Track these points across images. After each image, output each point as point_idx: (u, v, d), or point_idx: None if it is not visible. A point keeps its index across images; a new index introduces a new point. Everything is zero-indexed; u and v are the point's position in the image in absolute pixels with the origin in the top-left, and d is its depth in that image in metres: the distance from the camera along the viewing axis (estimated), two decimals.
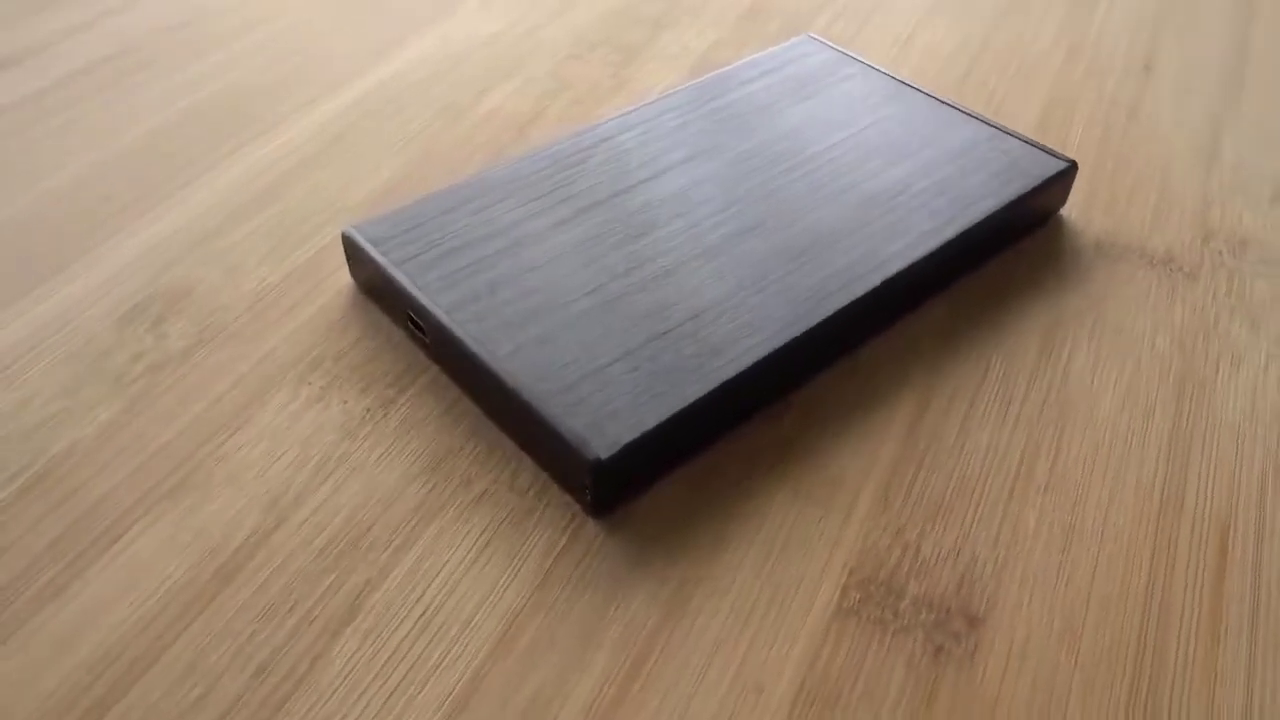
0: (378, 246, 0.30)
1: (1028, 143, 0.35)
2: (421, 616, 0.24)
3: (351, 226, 0.31)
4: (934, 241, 0.31)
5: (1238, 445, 0.28)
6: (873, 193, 0.33)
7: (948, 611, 0.24)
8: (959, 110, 0.37)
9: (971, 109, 0.37)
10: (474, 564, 0.25)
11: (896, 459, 0.28)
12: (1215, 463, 0.28)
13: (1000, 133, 0.36)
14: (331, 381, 0.29)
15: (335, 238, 0.34)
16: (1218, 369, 0.30)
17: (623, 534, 0.26)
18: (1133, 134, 0.40)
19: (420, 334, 0.30)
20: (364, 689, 0.22)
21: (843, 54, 0.40)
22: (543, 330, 0.28)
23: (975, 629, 0.24)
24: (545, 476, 0.27)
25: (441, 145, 0.38)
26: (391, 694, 0.22)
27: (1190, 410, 0.29)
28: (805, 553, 0.25)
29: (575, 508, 0.26)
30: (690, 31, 0.46)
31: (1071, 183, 0.35)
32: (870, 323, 0.31)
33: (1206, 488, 0.27)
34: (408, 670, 0.23)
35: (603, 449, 0.25)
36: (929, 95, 0.37)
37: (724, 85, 0.38)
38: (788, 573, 0.25)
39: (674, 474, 0.27)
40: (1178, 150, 0.39)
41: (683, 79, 0.43)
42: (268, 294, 0.32)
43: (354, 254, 0.31)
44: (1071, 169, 0.34)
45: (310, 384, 0.29)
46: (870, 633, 0.24)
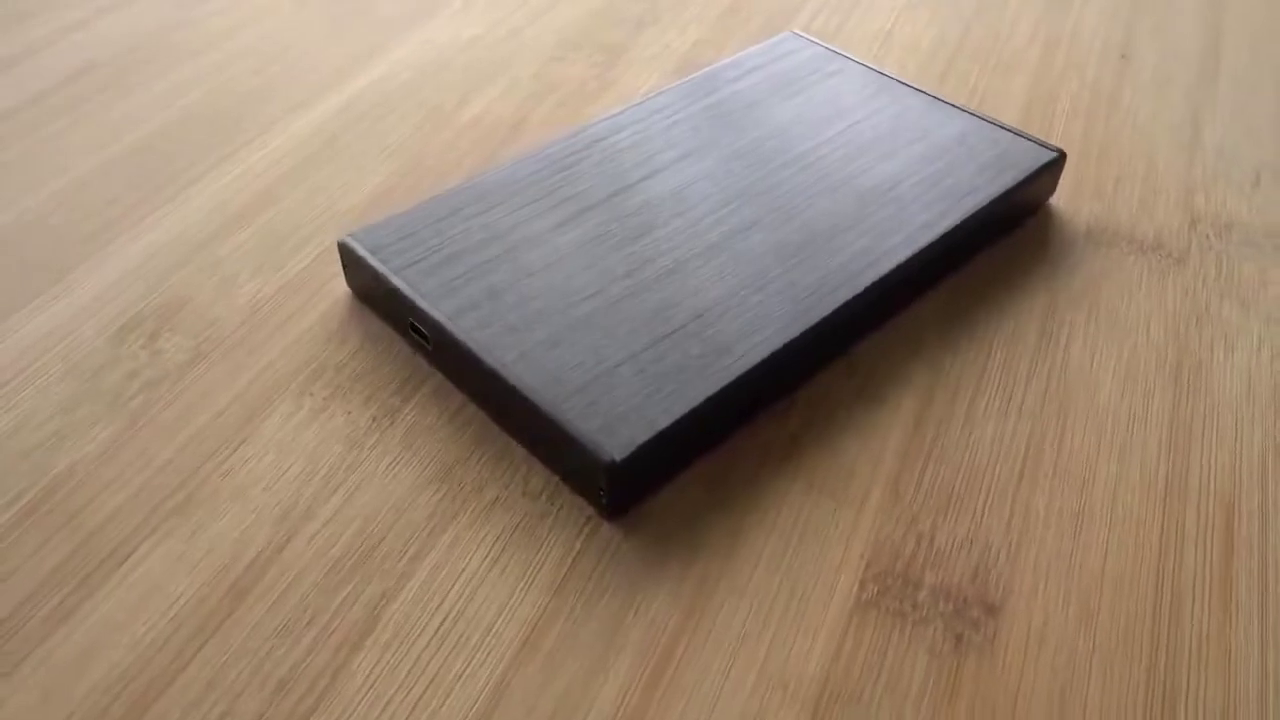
0: (376, 254, 0.30)
1: (1016, 134, 0.35)
2: (441, 626, 0.24)
3: (348, 235, 0.31)
4: (930, 235, 0.31)
5: (1236, 425, 0.29)
6: (867, 187, 0.33)
7: (965, 600, 0.24)
8: (946, 104, 0.37)
9: (958, 102, 0.38)
10: (491, 571, 0.25)
11: (905, 451, 0.28)
12: (1216, 443, 0.28)
13: (988, 125, 0.36)
14: (334, 392, 0.29)
15: (328, 246, 0.34)
16: (1212, 351, 0.31)
17: (638, 535, 0.26)
18: (1115, 123, 0.40)
19: (423, 341, 0.29)
20: (388, 701, 0.22)
21: (827, 50, 0.40)
22: (548, 334, 0.28)
23: (993, 616, 0.24)
24: (557, 480, 0.27)
25: (429, 150, 0.38)
26: (416, 704, 0.22)
27: (1188, 393, 0.29)
28: (821, 547, 0.25)
29: (589, 510, 0.26)
30: (672, 30, 0.46)
31: (1060, 172, 0.35)
32: (871, 317, 0.31)
33: (1209, 468, 0.27)
34: (431, 680, 0.23)
35: (617, 450, 0.25)
36: (916, 89, 0.38)
37: (712, 84, 0.38)
38: (805, 568, 0.25)
39: (685, 473, 0.27)
40: (1159, 138, 0.39)
41: (667, 78, 0.43)
42: (263, 305, 0.32)
43: (351, 262, 0.31)
44: (1060, 159, 0.35)
45: (312, 395, 0.29)
46: (890, 625, 0.24)
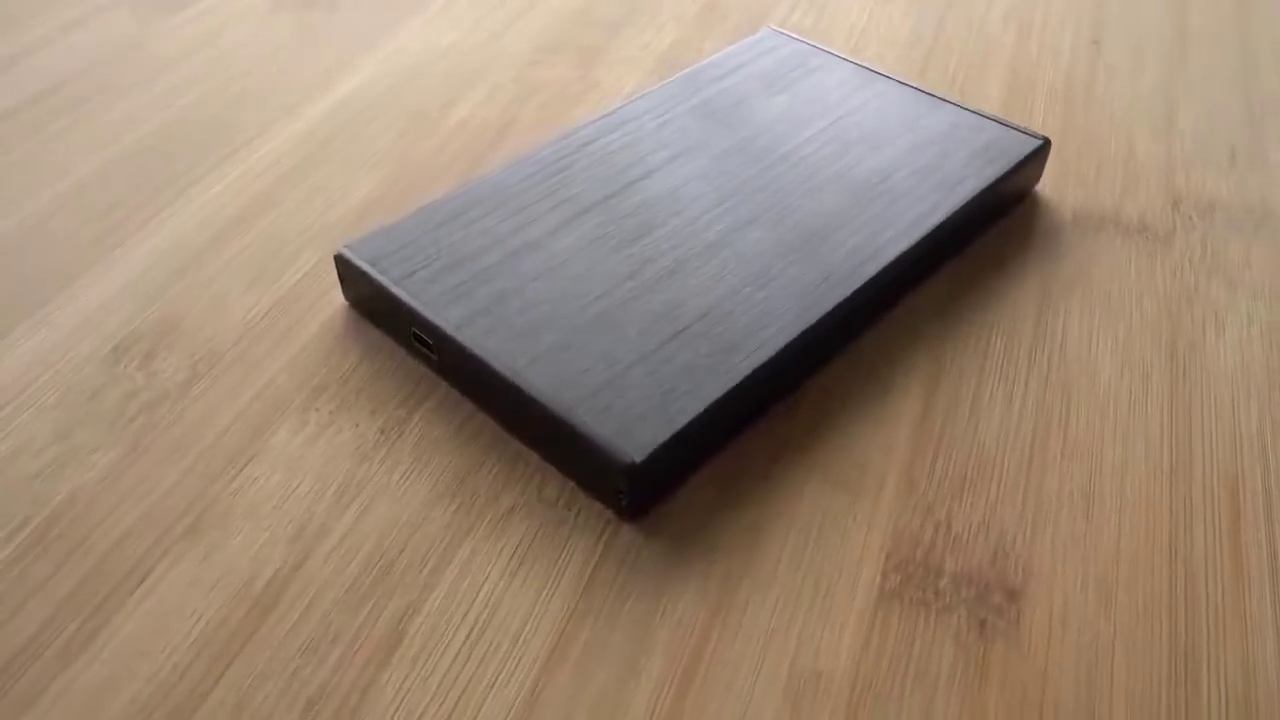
0: (375, 265, 0.30)
1: (1000, 123, 0.36)
2: (468, 637, 0.23)
3: (344, 246, 0.30)
4: (926, 226, 0.32)
5: (1234, 402, 0.29)
6: (859, 181, 0.33)
7: (986, 585, 0.25)
8: (930, 95, 0.37)
9: (940, 93, 0.38)
10: (513, 579, 0.25)
11: (915, 440, 0.28)
12: (1216, 420, 0.29)
13: (973, 115, 0.36)
14: (339, 406, 0.29)
15: (321, 259, 0.33)
16: (1204, 330, 0.31)
17: (659, 536, 0.26)
18: (1092, 109, 0.41)
19: (427, 351, 0.29)
20: (420, 714, 0.22)
21: (808, 45, 0.40)
22: (557, 338, 0.28)
23: (1015, 601, 0.24)
24: (573, 485, 0.27)
25: (416, 157, 0.38)
26: (449, 717, 0.22)
27: (1185, 372, 0.30)
28: (841, 539, 0.26)
29: (608, 514, 0.26)
30: (649, 31, 0.46)
31: (1046, 159, 0.36)
32: (872, 309, 0.31)
33: (1211, 444, 0.28)
34: (462, 692, 0.22)
35: (636, 452, 0.25)
36: (899, 82, 0.38)
37: (697, 83, 0.38)
38: (827, 561, 0.25)
39: (701, 472, 0.27)
40: (1136, 122, 0.40)
41: (649, 78, 0.43)
42: (258, 322, 0.31)
43: (349, 274, 0.31)
44: (1045, 146, 0.35)
45: (318, 410, 0.28)
46: (915, 614, 0.24)
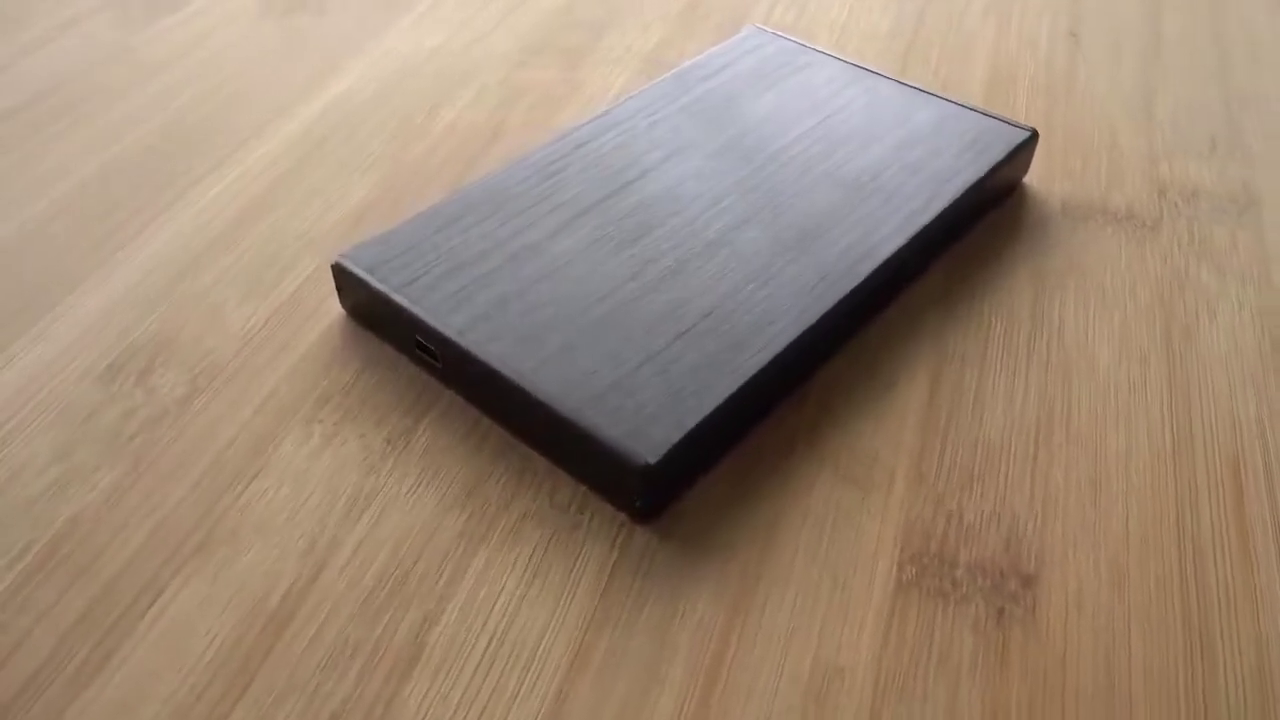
0: (374, 273, 0.30)
1: (987, 115, 0.36)
2: (489, 647, 0.23)
3: (342, 255, 0.30)
4: (922, 220, 0.32)
5: (1230, 385, 0.30)
6: (853, 176, 0.34)
7: (1001, 574, 0.25)
8: (916, 89, 0.38)
9: (927, 87, 0.38)
10: (530, 586, 0.24)
11: (922, 433, 0.28)
12: (1214, 402, 0.29)
13: (960, 108, 0.37)
14: (344, 417, 0.28)
15: (316, 268, 0.33)
16: (1197, 315, 0.32)
17: (673, 538, 0.26)
18: (1073, 100, 0.41)
19: (431, 358, 0.29)
20: None
21: (794, 42, 0.40)
22: (562, 341, 0.28)
23: (1030, 587, 0.25)
24: (584, 490, 0.27)
25: (407, 162, 0.37)
26: None
27: (1180, 357, 0.30)
28: (855, 533, 0.26)
29: (621, 517, 0.26)
30: (632, 32, 0.46)
31: (1033, 151, 0.36)
32: (872, 304, 0.31)
33: (1211, 426, 0.28)
34: (486, 702, 0.22)
35: (650, 453, 0.25)
36: (885, 77, 0.38)
37: (686, 82, 0.38)
38: (842, 555, 0.25)
39: (712, 471, 0.27)
40: (1116, 112, 0.41)
41: (635, 78, 0.42)
42: (256, 334, 0.31)
43: (347, 283, 0.30)
44: (1033, 137, 0.36)
45: (322, 422, 0.28)
46: (933, 604, 0.24)
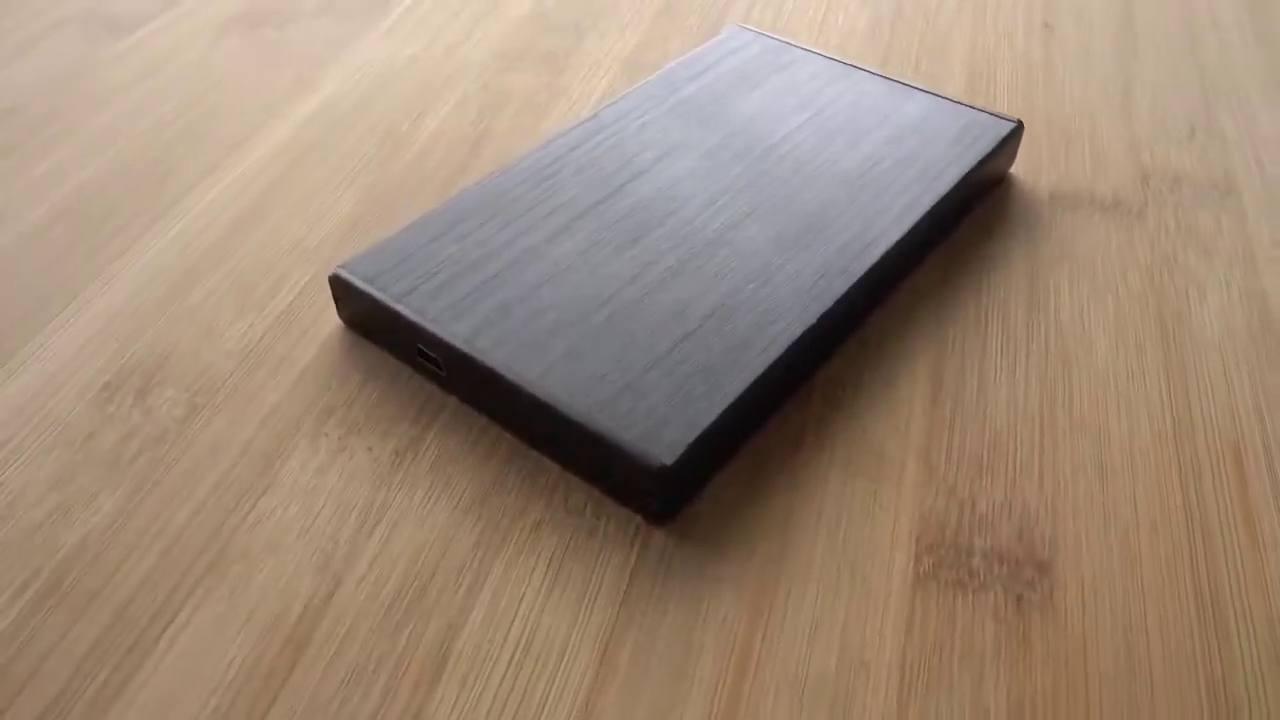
0: (373, 283, 0.29)
1: (972, 108, 0.37)
2: (514, 655, 0.23)
3: (340, 266, 0.30)
4: (916, 213, 0.32)
5: (1225, 366, 0.30)
6: (846, 172, 0.34)
7: (1017, 561, 0.25)
8: (901, 84, 0.38)
9: (911, 81, 0.39)
10: (550, 593, 0.24)
11: (928, 424, 0.28)
12: (1210, 385, 0.30)
13: (946, 101, 0.37)
14: (349, 430, 0.28)
15: (310, 280, 0.33)
16: (1188, 299, 0.32)
17: (690, 538, 0.26)
18: (1052, 91, 0.42)
19: (434, 367, 0.29)
20: None
21: (776, 40, 0.40)
22: (568, 346, 0.27)
23: (1046, 573, 0.25)
24: (598, 494, 0.27)
25: (393, 172, 0.37)
26: None
27: (1175, 341, 0.31)
28: (870, 527, 0.26)
29: (636, 519, 0.26)
30: (611, 34, 0.46)
31: (1019, 142, 0.37)
32: (872, 298, 0.31)
33: (1210, 409, 0.29)
34: (515, 711, 0.22)
35: (666, 454, 0.25)
36: (869, 72, 0.39)
37: (673, 83, 0.38)
38: (860, 549, 0.25)
39: (723, 471, 0.27)
40: (1095, 102, 0.41)
41: (618, 81, 0.42)
42: (253, 349, 0.30)
43: (346, 294, 0.30)
44: (1019, 129, 0.36)
45: (327, 435, 0.28)
46: (953, 594, 0.24)
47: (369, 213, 0.35)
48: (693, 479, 0.26)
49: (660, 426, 0.25)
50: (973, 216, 0.36)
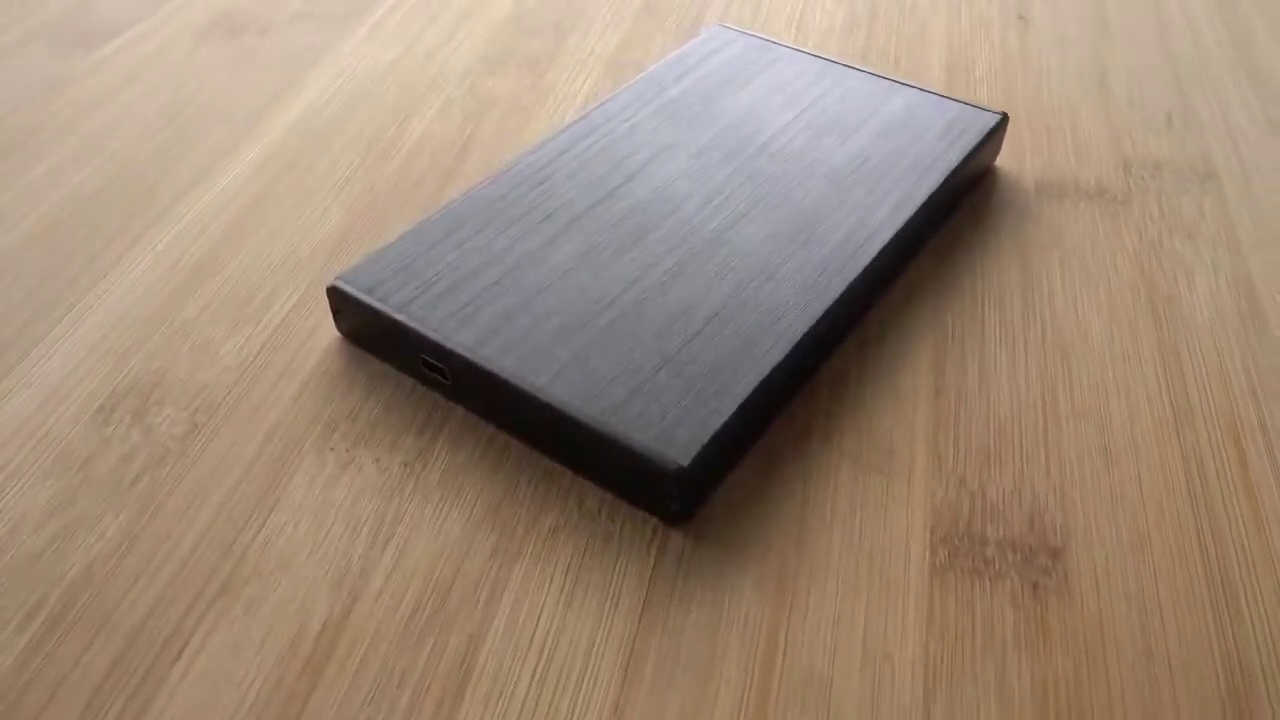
0: (373, 294, 0.29)
1: (957, 101, 0.37)
2: (538, 665, 0.23)
3: (338, 278, 0.29)
4: (911, 206, 0.32)
5: (1217, 346, 0.31)
6: (838, 168, 0.34)
7: (1030, 549, 0.25)
8: (885, 79, 0.38)
9: (895, 76, 0.39)
10: (572, 599, 0.24)
11: (934, 416, 0.29)
12: (1204, 366, 0.30)
13: (930, 95, 0.37)
14: (355, 443, 0.28)
15: (304, 292, 0.32)
16: (1177, 283, 0.33)
17: (707, 538, 0.26)
18: (1030, 82, 0.43)
19: (439, 377, 0.28)
20: None
21: (759, 39, 0.41)
22: (575, 350, 0.27)
23: (1059, 559, 0.25)
24: (612, 497, 0.26)
25: (381, 180, 0.37)
26: None
27: (1167, 324, 0.31)
28: (884, 520, 0.26)
29: (652, 521, 0.26)
30: (592, 35, 0.46)
31: (1004, 134, 0.37)
32: (871, 291, 0.32)
33: (1205, 390, 0.29)
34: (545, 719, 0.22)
35: (682, 456, 0.25)
36: (853, 68, 0.39)
37: (660, 83, 0.38)
38: (876, 542, 0.25)
39: (735, 470, 0.27)
40: (1073, 92, 0.42)
41: (602, 81, 0.42)
42: (250, 365, 0.30)
43: (344, 306, 0.30)
44: (1004, 121, 0.36)
45: (334, 449, 0.27)
46: (970, 583, 0.25)
47: (359, 221, 0.35)
48: (707, 479, 0.26)
49: (674, 428, 0.25)
50: (962, 209, 0.36)
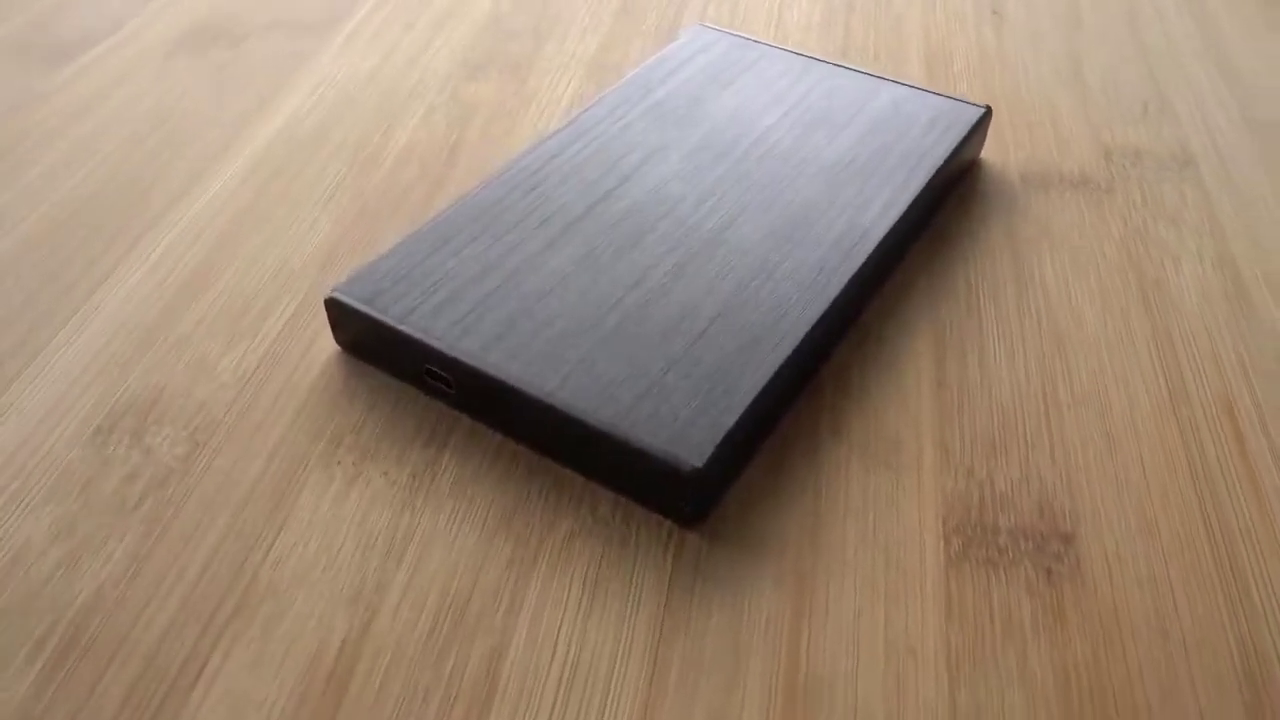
0: (373, 305, 0.29)
1: (940, 95, 0.37)
2: (563, 674, 0.23)
3: (335, 289, 0.29)
4: (904, 200, 0.33)
5: (1207, 330, 0.31)
6: (828, 165, 0.34)
7: (1042, 536, 0.26)
8: (867, 75, 0.39)
9: (877, 72, 0.39)
10: (592, 606, 0.24)
11: (937, 409, 0.29)
12: (1197, 349, 0.31)
13: (914, 90, 0.38)
14: (362, 456, 0.27)
15: (299, 305, 0.32)
16: (1164, 268, 0.34)
17: (723, 539, 0.26)
18: (1007, 74, 0.43)
19: (444, 386, 0.28)
20: None
21: (742, 38, 0.41)
22: (581, 355, 0.27)
23: (1071, 545, 0.25)
24: (625, 501, 0.26)
25: (369, 189, 0.36)
26: None
27: (1158, 310, 0.32)
28: (896, 513, 0.26)
29: (667, 524, 0.26)
30: (571, 37, 0.45)
31: (988, 127, 0.38)
32: (869, 286, 0.32)
33: (1200, 373, 0.30)
34: None
35: (696, 457, 0.25)
36: (837, 65, 0.39)
37: (646, 85, 0.38)
38: (890, 536, 0.26)
39: (746, 468, 0.27)
40: (1050, 84, 0.43)
41: (585, 84, 0.42)
42: (249, 380, 0.29)
43: (343, 318, 0.29)
44: (988, 114, 0.37)
45: (340, 464, 0.27)
46: (986, 573, 0.25)
47: (350, 232, 0.35)
48: (721, 480, 0.26)
49: (686, 429, 0.25)
50: (950, 202, 0.36)
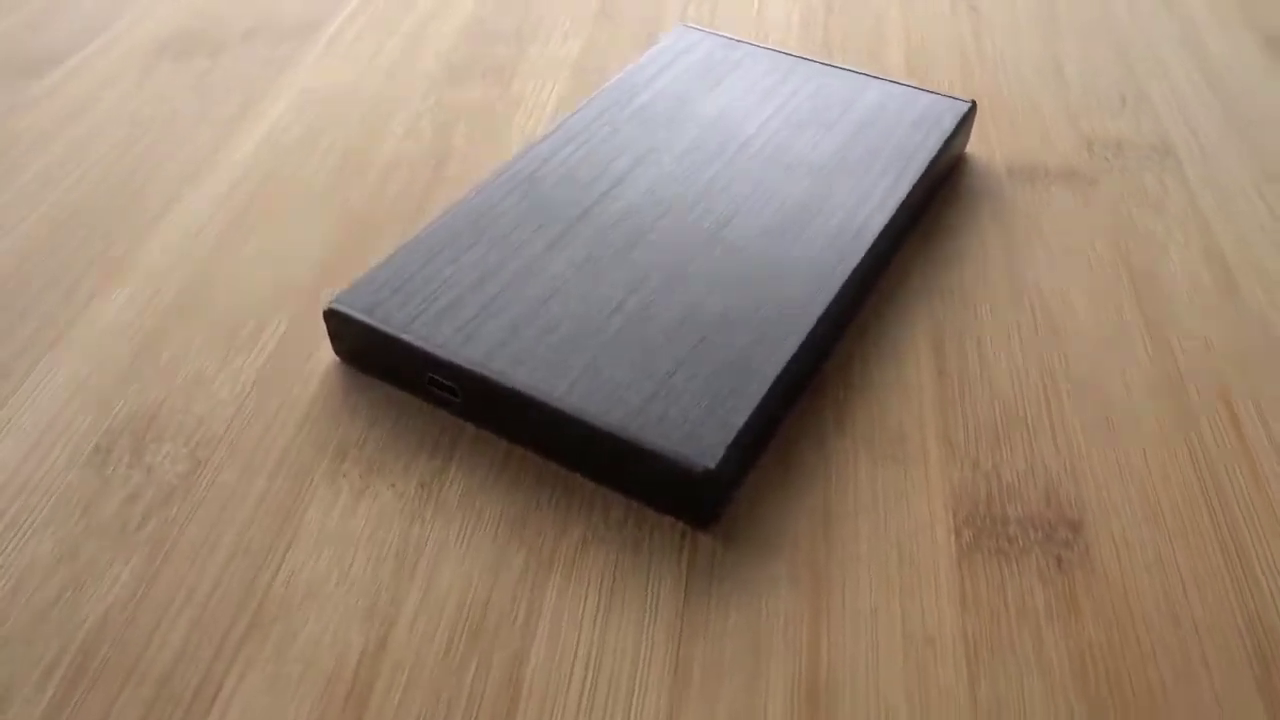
0: (373, 314, 0.28)
1: (927, 91, 0.38)
2: (586, 679, 0.23)
3: (334, 300, 0.29)
4: (898, 195, 0.33)
5: (1197, 316, 0.32)
6: (819, 163, 0.34)
7: (1050, 524, 0.26)
8: (852, 72, 0.39)
9: (862, 69, 0.40)
10: (610, 611, 0.24)
11: (940, 402, 0.29)
12: (1190, 337, 0.31)
13: (900, 86, 0.38)
14: (368, 468, 0.27)
15: (295, 317, 0.31)
16: (1152, 258, 0.34)
17: (736, 540, 0.26)
18: (986, 69, 0.44)
19: (449, 395, 0.28)
20: None
21: (725, 38, 0.41)
22: (587, 359, 0.27)
23: (1080, 533, 0.26)
24: (636, 504, 0.26)
25: (359, 197, 0.36)
26: None
27: (1149, 299, 0.33)
28: (906, 507, 0.26)
29: (679, 526, 0.26)
30: (554, 40, 0.45)
31: (973, 122, 0.38)
32: (866, 282, 0.32)
33: (1195, 359, 0.30)
34: None
35: (708, 458, 0.25)
36: (821, 63, 0.39)
37: (633, 87, 0.38)
38: (902, 529, 0.26)
39: (755, 469, 0.27)
40: (1030, 79, 0.43)
41: (571, 86, 0.42)
42: (248, 395, 0.29)
43: (342, 328, 0.29)
44: (973, 109, 0.37)
45: (346, 477, 0.27)
46: (998, 563, 0.25)
47: (342, 241, 0.34)
48: (732, 480, 0.26)
49: (696, 430, 0.25)
50: (940, 196, 0.37)
